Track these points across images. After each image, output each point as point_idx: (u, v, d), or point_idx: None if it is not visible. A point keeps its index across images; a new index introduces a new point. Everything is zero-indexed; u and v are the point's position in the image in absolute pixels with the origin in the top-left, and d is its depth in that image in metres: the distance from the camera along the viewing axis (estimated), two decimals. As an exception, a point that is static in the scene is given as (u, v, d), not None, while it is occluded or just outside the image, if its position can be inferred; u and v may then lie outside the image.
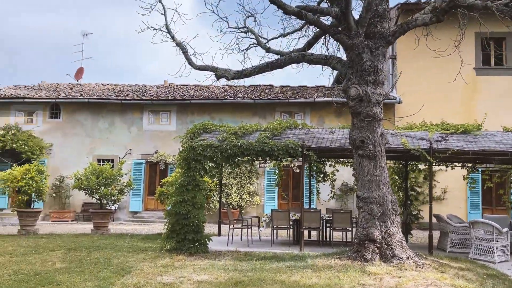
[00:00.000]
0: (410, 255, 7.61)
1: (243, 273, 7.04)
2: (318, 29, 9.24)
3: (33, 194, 12.44)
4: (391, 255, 7.55)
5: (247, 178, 17.35)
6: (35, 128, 18.01)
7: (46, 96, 18.16)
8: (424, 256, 8.12)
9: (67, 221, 17.03)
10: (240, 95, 18.32)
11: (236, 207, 16.82)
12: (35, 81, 26.46)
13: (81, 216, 17.45)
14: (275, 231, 10.68)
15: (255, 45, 10.33)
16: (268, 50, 9.97)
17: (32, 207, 13.02)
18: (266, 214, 10.96)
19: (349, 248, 8.53)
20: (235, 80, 10.14)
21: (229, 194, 16.85)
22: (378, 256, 7.57)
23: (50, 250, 9.16)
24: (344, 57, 8.74)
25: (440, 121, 11.02)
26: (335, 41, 9.66)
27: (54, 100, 17.87)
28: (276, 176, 13.18)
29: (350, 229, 10.12)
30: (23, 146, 16.57)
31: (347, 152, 9.29)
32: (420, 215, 12.23)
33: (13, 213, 16.81)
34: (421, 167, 12.51)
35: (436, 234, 10.68)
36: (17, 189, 12.13)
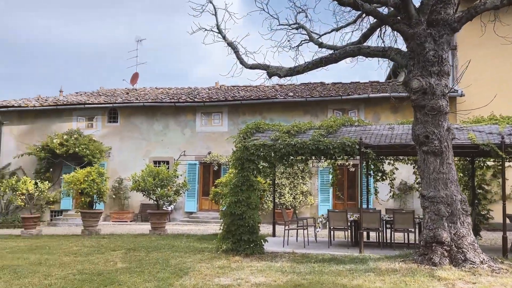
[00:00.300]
0: (484, 259, 7.00)
1: (301, 275, 6.80)
2: (374, 20, 8.79)
3: (95, 195, 12.94)
4: (462, 258, 6.98)
5: (300, 178, 17.05)
6: (95, 132, 18.83)
7: (105, 101, 18.93)
8: (499, 260, 7.45)
9: (126, 221, 17.62)
10: (291, 94, 18.06)
11: (290, 207, 16.58)
12: (94, 87, 28.08)
13: (139, 216, 18.00)
14: (332, 232, 10.32)
15: (307, 41, 10.05)
16: (320, 45, 9.66)
17: (94, 208, 13.58)
18: (323, 215, 10.61)
19: (414, 251, 8.02)
20: (286, 79, 9.94)
21: (282, 194, 16.64)
22: (447, 260, 7.03)
23: (112, 250, 9.42)
24: (403, 48, 8.24)
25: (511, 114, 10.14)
26: (391, 33, 9.20)
27: (111, 105, 18.58)
28: (331, 176, 12.79)
29: (412, 230, 9.56)
30: (84, 150, 17.36)
31: (408, 149, 8.75)
32: (490, 215, 11.34)
33: (77, 214, 17.65)
34: (489, 163, 11.61)
35: (510, 236, 9.83)
36: (80, 191, 12.68)
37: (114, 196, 17.94)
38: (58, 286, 6.14)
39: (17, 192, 13.41)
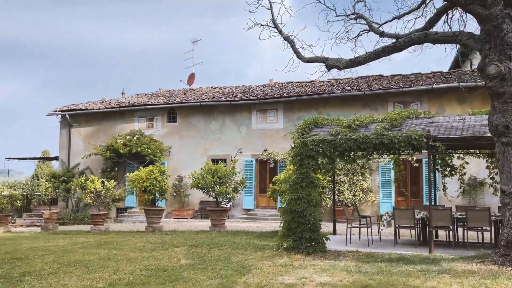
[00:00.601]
0: None
1: (368, 275, 6.48)
2: (442, 4, 8.20)
3: (157, 193, 13.32)
4: (550, 260, 6.30)
5: (360, 174, 16.49)
6: (155, 132, 19.45)
7: (164, 102, 19.49)
8: None
9: (187, 218, 18.03)
10: (348, 88, 17.51)
11: (349, 204, 16.09)
12: (153, 89, 29.09)
13: (199, 213, 18.35)
14: (397, 230, 9.81)
15: (367, 31, 9.64)
16: (382, 34, 9.20)
17: (156, 205, 14.00)
18: (387, 212, 10.13)
19: (492, 251, 7.39)
20: (346, 71, 9.58)
21: (341, 191, 16.17)
22: (533, 262, 6.38)
23: (175, 247, 9.61)
24: (476, 32, 7.60)
25: None
26: (459, 18, 8.55)
27: (170, 105, 19.09)
28: (394, 172, 12.21)
29: (488, 228, 8.84)
30: (146, 149, 17.98)
31: (483, 141, 8.07)
32: None
33: (141, 211, 18.33)
34: None
35: None
36: (143, 189, 13.10)
37: (175, 194, 18.43)
38: (126, 281, 6.31)
39: (86, 191, 14.14)
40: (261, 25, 9.73)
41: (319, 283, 6.11)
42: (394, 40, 8.76)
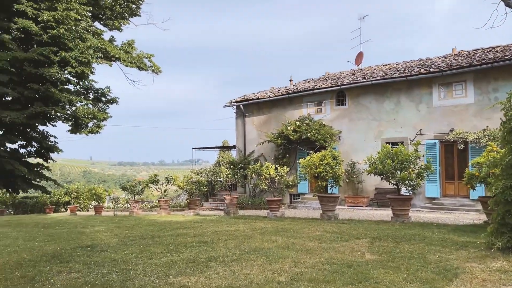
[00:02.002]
0: None
1: None
2: None
3: (330, 179, 12.61)
4: None
5: None
6: (324, 116, 18.83)
7: (332, 84, 18.66)
8: None
9: (361, 206, 16.93)
10: None
11: None
12: (319, 73, 28.64)
13: (374, 201, 17.04)
14: None
15: None
16: None
17: (330, 192, 13.31)
18: None
19: None
20: None
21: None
22: None
23: (355, 238, 8.71)
24: None
25: None
26: None
27: (339, 87, 18.15)
28: None
29: None
30: (316, 134, 17.50)
31: None
32: None
33: (313, 198, 18.01)
34: None
35: None
36: (316, 175, 12.55)
37: (347, 180, 17.52)
38: (309, 276, 5.69)
39: (261, 177, 14.40)
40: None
41: None
42: None
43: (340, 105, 18.73)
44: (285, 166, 14.74)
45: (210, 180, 22.47)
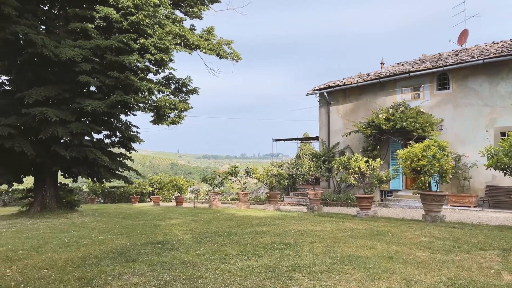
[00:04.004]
0: None
1: None
2: None
3: (436, 174, 10.59)
4: None
5: None
6: (422, 103, 16.49)
7: (432, 66, 16.24)
8: None
9: (468, 206, 14.44)
10: None
11: None
12: (413, 57, 25.05)
13: (485, 201, 14.43)
14: None
15: None
16: None
17: (433, 190, 11.27)
18: None
19: None
20: None
21: None
22: None
23: (479, 249, 6.80)
24: None
25: None
26: None
27: (441, 68, 15.67)
28: None
29: None
30: (413, 123, 15.31)
31: None
32: None
33: (408, 195, 15.88)
34: None
35: None
36: (418, 168, 10.61)
37: (451, 176, 15.06)
38: (433, 306, 4.12)
39: (350, 170, 12.77)
40: None
41: None
42: None
43: (442, 89, 16.23)
44: (379, 159, 12.91)
45: (290, 173, 21.21)
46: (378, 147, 17.23)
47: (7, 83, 15.12)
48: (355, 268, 5.58)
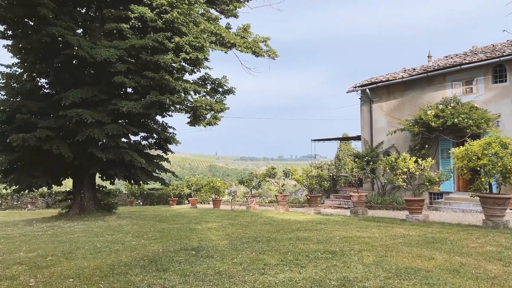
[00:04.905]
0: None
1: None
2: None
3: (498, 174, 9.48)
4: None
5: None
6: (476, 98, 15.18)
7: (487, 57, 14.91)
8: None
9: (532, 211, 13.03)
10: None
11: None
12: (462, 49, 23.04)
13: (551, 205, 12.98)
14: None
15: None
16: None
17: (492, 191, 10.13)
18: None
19: None
20: None
21: None
22: None
23: (562, 262, 5.79)
24: None
25: None
26: None
27: (498, 59, 14.33)
28: None
29: None
30: (466, 120, 14.08)
31: None
32: None
33: (461, 198, 14.68)
34: None
35: None
36: (478, 168, 9.53)
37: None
38: None
39: (397, 171, 11.81)
40: None
41: None
42: None
43: (499, 82, 14.86)
44: (429, 158, 11.86)
45: (331, 174, 20.31)
46: (427, 146, 16.05)
47: (46, 86, 15.26)
48: (415, 284, 4.79)
